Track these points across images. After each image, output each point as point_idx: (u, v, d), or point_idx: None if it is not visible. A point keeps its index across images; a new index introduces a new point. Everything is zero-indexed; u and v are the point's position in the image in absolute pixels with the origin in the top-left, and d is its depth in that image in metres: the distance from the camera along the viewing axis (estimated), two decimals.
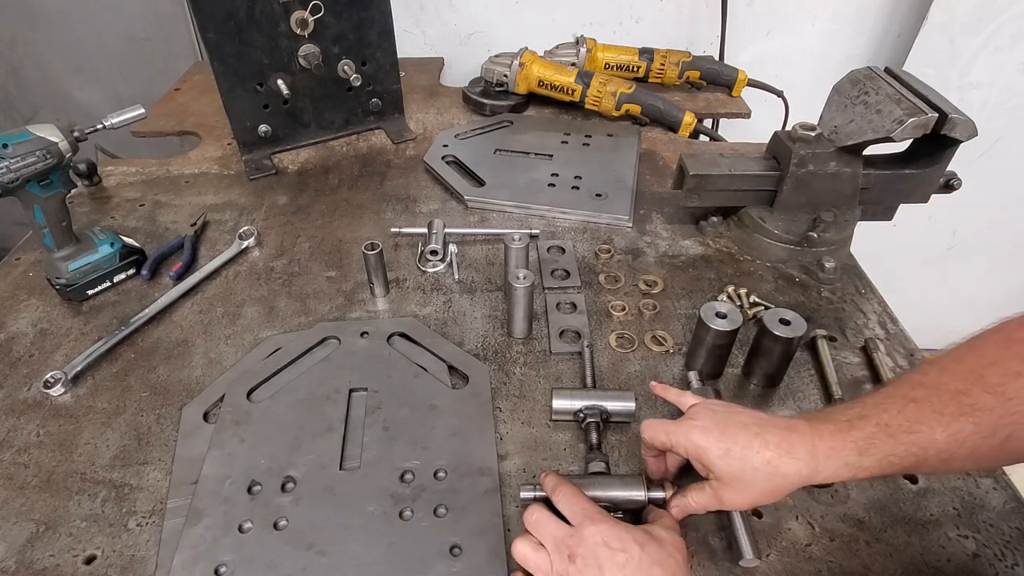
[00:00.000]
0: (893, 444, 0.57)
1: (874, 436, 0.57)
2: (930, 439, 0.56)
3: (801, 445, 0.59)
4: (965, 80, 1.81)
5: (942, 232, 2.19)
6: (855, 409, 0.60)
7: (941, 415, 0.56)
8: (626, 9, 1.86)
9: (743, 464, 0.60)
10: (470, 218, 1.20)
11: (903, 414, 0.57)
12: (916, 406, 0.57)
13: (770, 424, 0.62)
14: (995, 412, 0.55)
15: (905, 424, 0.57)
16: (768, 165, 1.05)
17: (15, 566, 0.67)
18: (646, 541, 0.58)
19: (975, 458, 0.57)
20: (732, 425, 0.62)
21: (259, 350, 0.91)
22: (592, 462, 0.73)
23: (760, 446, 0.60)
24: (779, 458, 0.59)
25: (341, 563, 0.66)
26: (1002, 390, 0.55)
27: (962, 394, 0.56)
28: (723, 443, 0.61)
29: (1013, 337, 0.57)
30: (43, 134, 0.89)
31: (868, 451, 0.57)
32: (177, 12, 1.88)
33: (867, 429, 0.58)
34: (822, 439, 0.59)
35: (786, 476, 0.59)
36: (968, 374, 0.57)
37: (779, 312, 0.80)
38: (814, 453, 0.58)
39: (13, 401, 0.85)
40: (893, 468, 0.58)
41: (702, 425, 0.63)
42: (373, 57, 1.36)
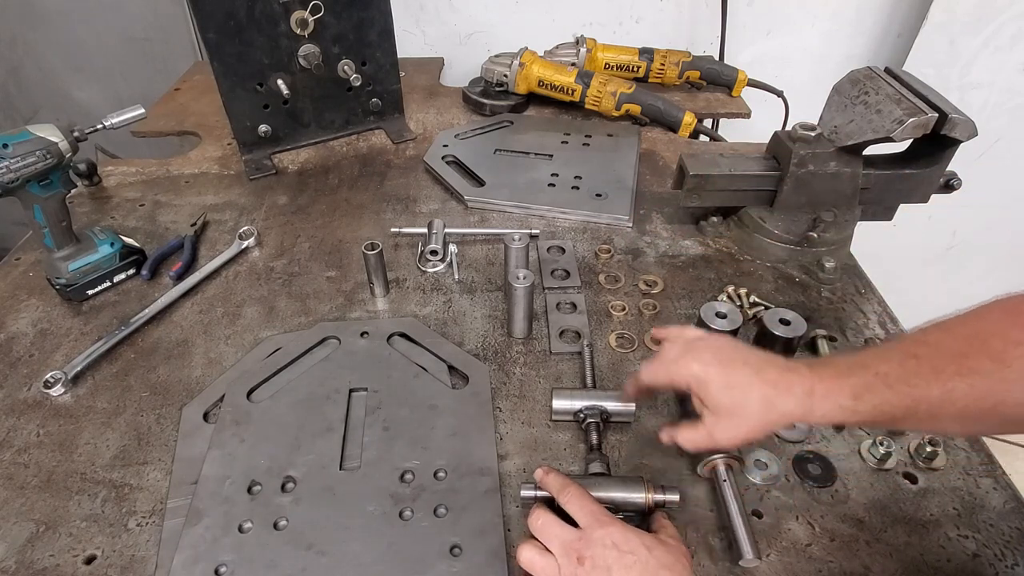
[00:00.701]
0: (889, 393, 0.58)
1: (871, 384, 0.59)
2: (924, 393, 0.57)
3: (799, 384, 0.61)
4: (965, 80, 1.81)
5: (942, 232, 2.19)
6: (857, 358, 0.62)
7: (939, 372, 0.57)
8: (626, 9, 1.86)
9: (742, 396, 0.62)
10: (470, 218, 1.20)
11: (903, 367, 0.59)
12: (916, 361, 0.59)
13: (770, 363, 0.63)
14: (992, 377, 0.56)
15: (903, 376, 0.58)
16: (768, 165, 1.05)
17: (15, 566, 0.67)
18: (654, 545, 0.58)
19: (963, 420, 0.58)
20: (734, 360, 0.64)
21: (259, 350, 0.91)
22: (592, 463, 0.73)
23: (760, 382, 0.61)
24: (777, 395, 0.61)
25: (341, 563, 0.66)
26: (1002, 356, 0.56)
27: (962, 356, 0.57)
28: (725, 376, 0.62)
29: (1017, 308, 0.58)
30: (43, 134, 0.89)
31: (863, 396, 0.59)
32: (177, 12, 1.88)
33: (865, 376, 0.59)
34: (821, 381, 0.60)
35: (782, 413, 0.61)
36: (971, 338, 0.58)
37: (779, 312, 0.81)
38: (811, 393, 0.60)
39: (13, 401, 0.85)
40: (884, 417, 0.59)
41: (705, 358, 0.64)
42: (373, 57, 1.36)
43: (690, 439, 0.66)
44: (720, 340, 0.68)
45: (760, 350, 0.67)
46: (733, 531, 0.65)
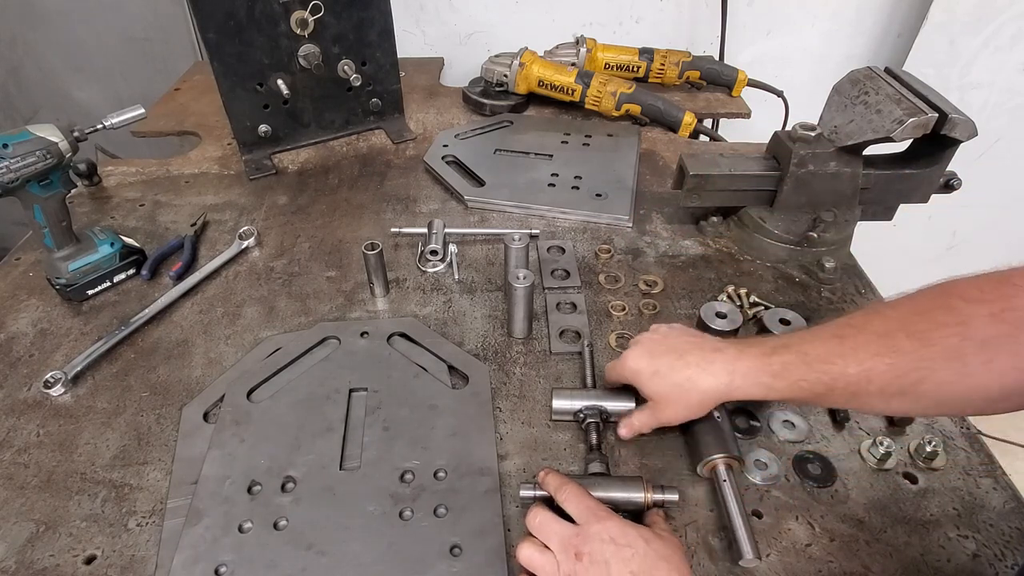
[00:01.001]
0: (806, 371, 0.62)
1: (790, 363, 0.63)
2: (842, 371, 0.60)
3: (720, 364, 0.67)
4: (965, 80, 1.81)
5: (942, 232, 2.19)
6: (782, 340, 0.67)
7: (857, 352, 0.60)
8: (626, 9, 1.86)
9: (667, 382, 0.69)
10: (470, 218, 1.20)
11: (825, 347, 0.63)
12: (838, 341, 0.62)
13: (696, 346, 0.71)
14: (912, 356, 0.58)
15: (823, 355, 0.62)
16: (768, 165, 1.05)
17: (15, 566, 0.67)
18: (652, 537, 0.59)
19: (884, 397, 0.60)
20: (662, 350, 0.72)
21: (259, 350, 0.91)
22: (592, 463, 0.73)
23: (682, 366, 0.69)
24: (698, 375, 0.68)
25: (341, 563, 0.66)
26: (925, 337, 0.58)
27: (885, 336, 0.60)
28: (652, 365, 0.71)
29: (950, 292, 0.59)
30: (43, 134, 0.89)
31: (782, 375, 0.64)
32: (177, 12, 1.88)
33: (786, 357, 0.64)
34: (742, 361, 0.66)
35: (704, 391, 0.67)
36: (897, 320, 0.60)
37: (779, 312, 0.81)
38: (731, 372, 0.66)
39: (13, 401, 0.85)
40: (803, 393, 0.63)
41: (636, 352, 0.73)
42: (373, 57, 1.36)
43: (642, 422, 0.74)
44: (661, 334, 0.75)
45: (701, 336, 0.74)
46: (733, 531, 0.65)
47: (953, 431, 0.80)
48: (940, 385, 0.57)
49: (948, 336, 0.56)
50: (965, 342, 0.56)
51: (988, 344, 0.55)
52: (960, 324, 0.56)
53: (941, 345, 0.57)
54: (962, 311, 0.57)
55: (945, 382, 0.57)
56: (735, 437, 0.74)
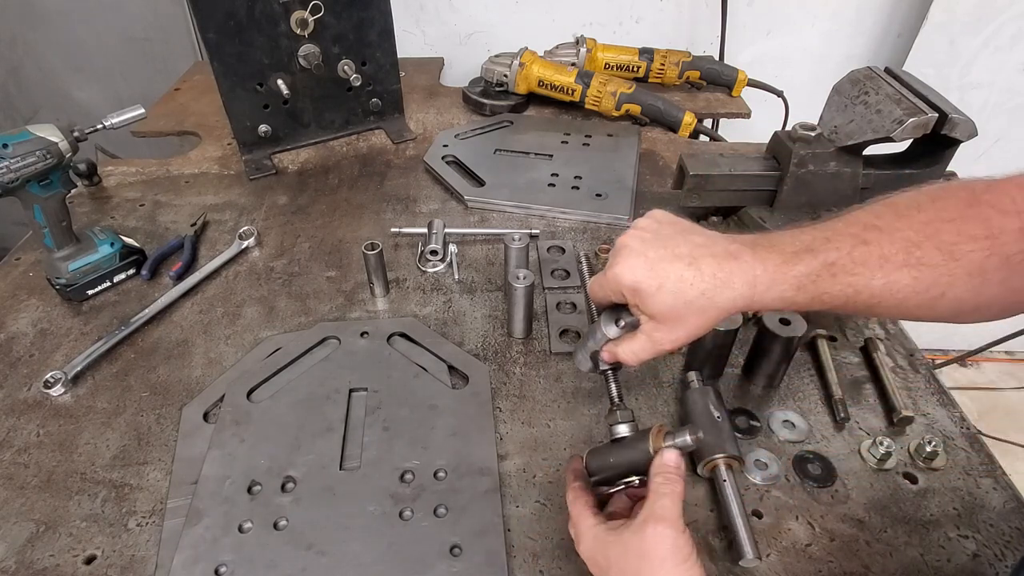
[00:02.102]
0: (831, 283, 0.56)
1: (817, 274, 0.56)
2: (866, 283, 0.55)
3: (740, 274, 0.57)
4: (965, 80, 1.81)
5: None
6: (803, 240, 0.58)
7: (885, 261, 0.55)
8: (626, 9, 1.86)
9: (676, 299, 0.57)
10: (470, 218, 1.20)
11: (851, 256, 0.56)
12: (865, 248, 0.56)
13: (707, 251, 0.59)
14: (938, 269, 0.54)
15: (849, 266, 0.56)
16: (768, 165, 1.05)
17: (15, 566, 0.67)
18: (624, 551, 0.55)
19: (901, 308, 0.57)
20: (663, 257, 0.59)
21: (259, 350, 0.91)
22: (615, 424, 0.65)
23: (695, 278, 0.57)
24: (715, 289, 0.57)
25: (341, 563, 0.66)
26: (952, 250, 0.54)
27: (913, 245, 0.55)
28: (654, 278, 0.58)
29: (980, 198, 0.55)
30: (43, 134, 0.89)
31: (806, 287, 0.56)
32: (177, 12, 1.88)
33: (812, 265, 0.56)
34: (765, 270, 0.57)
35: (721, 307, 0.57)
36: (924, 226, 0.55)
37: (779, 312, 0.81)
38: (753, 283, 0.57)
39: (13, 401, 0.85)
40: (822, 305, 0.57)
41: (630, 263, 0.59)
42: (373, 57, 1.36)
43: (632, 351, 0.63)
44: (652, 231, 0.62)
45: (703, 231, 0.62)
46: (733, 531, 0.65)
47: (953, 431, 0.80)
48: (957, 300, 0.55)
49: (976, 251, 0.53)
50: (990, 258, 0.53)
51: (1010, 260, 0.52)
52: (989, 238, 0.53)
53: (967, 259, 0.53)
54: (994, 223, 0.53)
55: (962, 297, 0.55)
56: (735, 437, 0.74)
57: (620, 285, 0.60)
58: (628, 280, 0.59)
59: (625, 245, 0.61)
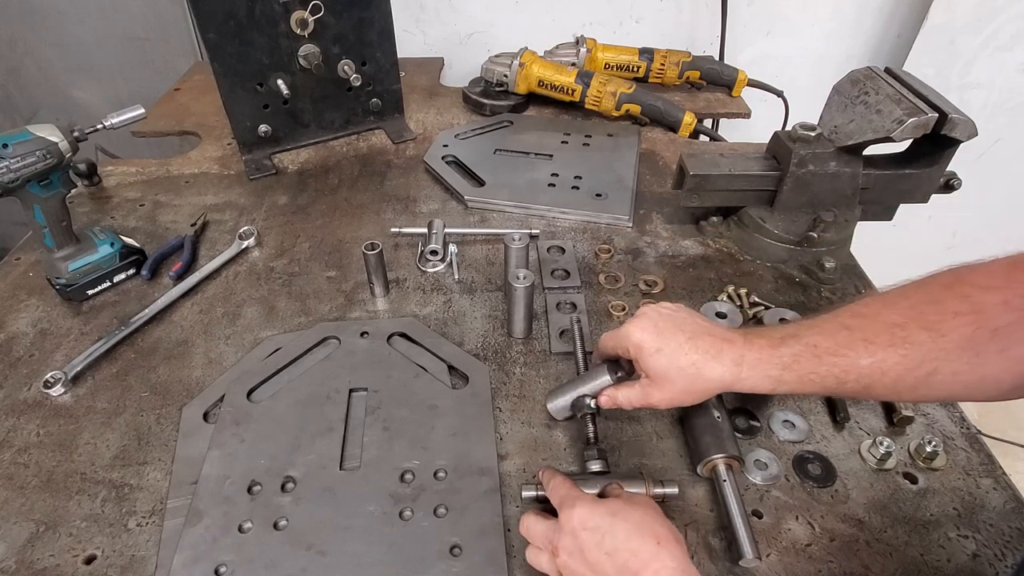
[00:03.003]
0: (816, 364, 0.60)
1: (800, 355, 0.61)
2: (853, 363, 0.59)
3: (729, 353, 0.63)
4: (965, 80, 1.81)
5: (942, 232, 2.19)
6: (791, 328, 0.64)
7: (870, 344, 0.58)
8: (626, 9, 1.86)
9: (671, 363, 0.65)
10: (470, 218, 1.20)
11: (834, 339, 0.60)
12: (848, 333, 0.60)
13: (706, 331, 0.66)
14: (924, 347, 0.56)
15: (833, 348, 0.60)
16: (768, 165, 1.05)
17: (15, 566, 0.67)
18: (619, 508, 0.58)
19: (896, 389, 0.59)
20: (669, 327, 0.67)
21: (259, 350, 0.91)
22: (589, 460, 0.72)
23: (690, 348, 0.64)
24: (705, 361, 0.64)
25: (341, 563, 0.66)
26: (938, 327, 0.56)
27: (897, 327, 0.58)
28: (657, 342, 0.66)
29: (962, 279, 0.58)
30: (43, 134, 0.89)
31: (791, 367, 0.61)
32: (177, 12, 1.87)
33: (796, 348, 0.61)
34: (751, 351, 0.63)
35: (709, 379, 0.64)
36: (909, 310, 0.59)
37: (779, 312, 0.81)
38: (739, 362, 0.63)
39: (13, 401, 0.85)
40: (813, 386, 0.61)
41: (641, 324, 0.68)
42: (373, 57, 1.36)
43: (628, 399, 0.70)
44: (669, 310, 0.70)
45: (709, 322, 0.69)
46: (733, 531, 0.65)
47: (953, 431, 0.80)
48: (954, 375, 0.56)
49: (961, 326, 0.55)
50: (979, 331, 0.54)
51: (1001, 333, 0.54)
52: (973, 313, 0.55)
53: (954, 335, 0.55)
54: (975, 299, 0.55)
55: (959, 372, 0.56)
56: (735, 437, 0.73)
57: (628, 341, 0.68)
58: (635, 338, 0.67)
59: (643, 313, 0.70)
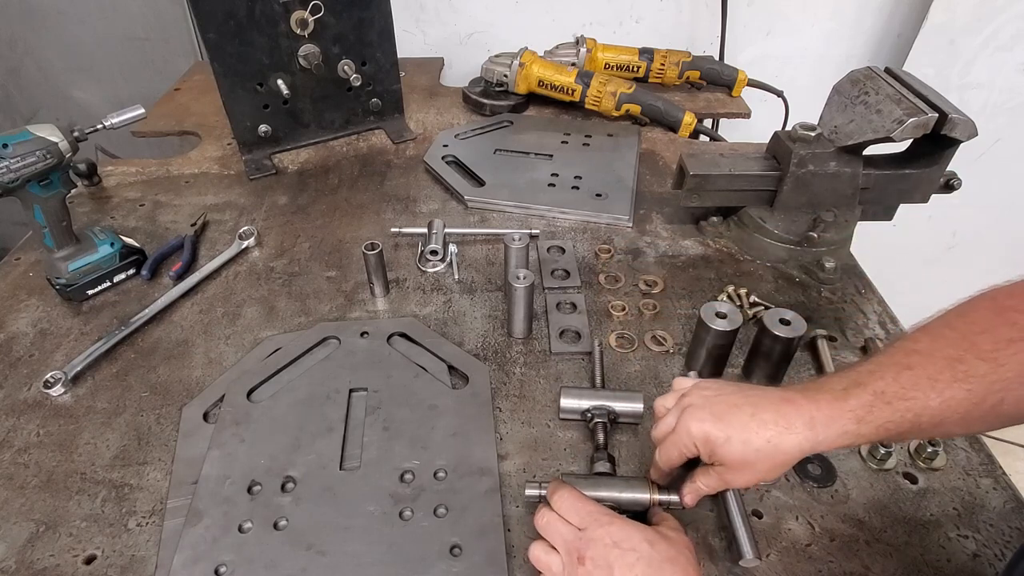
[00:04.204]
0: (890, 411, 0.58)
1: (871, 404, 0.58)
2: (924, 405, 0.57)
3: (798, 418, 0.60)
4: (965, 80, 1.81)
5: (942, 232, 2.19)
6: (850, 377, 0.61)
7: (935, 382, 0.57)
8: (626, 9, 1.86)
9: (745, 448, 0.61)
10: (470, 218, 1.20)
11: (898, 381, 0.58)
12: (911, 373, 0.58)
13: (763, 401, 0.62)
14: (987, 379, 0.56)
15: (900, 391, 0.58)
16: (768, 165, 1.05)
17: (15, 566, 0.67)
18: (656, 539, 0.58)
19: (966, 423, 0.58)
20: (724, 408, 0.63)
21: (259, 350, 0.91)
22: (598, 462, 0.73)
23: (758, 427, 0.60)
24: (779, 436, 0.60)
25: (341, 563, 0.66)
26: (995, 356, 0.56)
27: (956, 361, 0.57)
28: (722, 430, 0.61)
29: (1004, 304, 0.58)
30: (43, 134, 0.89)
31: (865, 419, 0.58)
32: (177, 12, 1.87)
33: (864, 397, 0.59)
34: (819, 409, 0.59)
35: (788, 452, 0.60)
36: (960, 341, 0.58)
37: (779, 312, 0.80)
38: (812, 424, 0.59)
39: (13, 401, 0.85)
40: (889, 435, 0.59)
41: (698, 416, 0.63)
42: (373, 57, 1.36)
43: (710, 486, 0.66)
44: (712, 390, 0.66)
45: (753, 387, 0.66)
46: (733, 531, 0.65)
47: None
48: (1019, 402, 0.56)
49: (1018, 352, 0.56)
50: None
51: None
52: None
53: (1013, 363, 0.56)
54: (1022, 324, 0.56)
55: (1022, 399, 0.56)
56: None
57: (690, 439, 0.63)
58: (698, 433, 0.63)
59: (689, 404, 0.65)
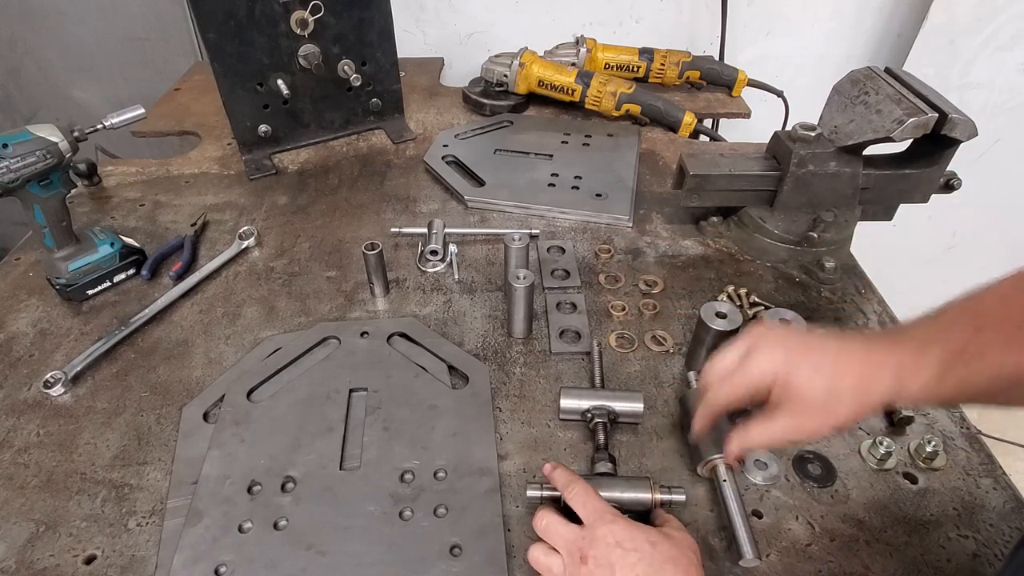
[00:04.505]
0: (967, 371, 0.54)
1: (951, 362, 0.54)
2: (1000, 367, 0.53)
3: (889, 362, 0.55)
4: (965, 80, 1.81)
5: (942, 232, 2.19)
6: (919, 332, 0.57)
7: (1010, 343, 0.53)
8: (626, 9, 1.86)
9: (835, 383, 0.56)
10: (470, 218, 1.20)
11: (976, 341, 0.54)
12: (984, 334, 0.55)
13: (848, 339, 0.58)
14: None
15: (978, 351, 0.54)
16: (768, 165, 1.05)
17: (15, 566, 0.67)
18: (658, 539, 0.58)
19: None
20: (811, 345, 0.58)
21: (259, 350, 0.91)
22: (599, 462, 0.73)
23: (847, 363, 0.56)
24: (871, 374, 0.55)
25: (341, 563, 0.66)
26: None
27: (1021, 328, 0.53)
28: (810, 363, 0.56)
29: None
30: (43, 134, 0.89)
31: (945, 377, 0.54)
32: (177, 12, 1.87)
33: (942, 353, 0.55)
34: (905, 354, 0.55)
35: (878, 394, 0.56)
36: None
37: (779, 312, 0.81)
38: (901, 371, 0.55)
39: (13, 401, 0.85)
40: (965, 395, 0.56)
41: (779, 351, 0.58)
42: (373, 57, 1.36)
43: (770, 434, 0.60)
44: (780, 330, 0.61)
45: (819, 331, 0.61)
46: (733, 531, 0.65)
47: (953, 431, 0.80)
48: None
49: None
50: None
51: None
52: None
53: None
54: None
55: None
56: None
57: (764, 373, 0.59)
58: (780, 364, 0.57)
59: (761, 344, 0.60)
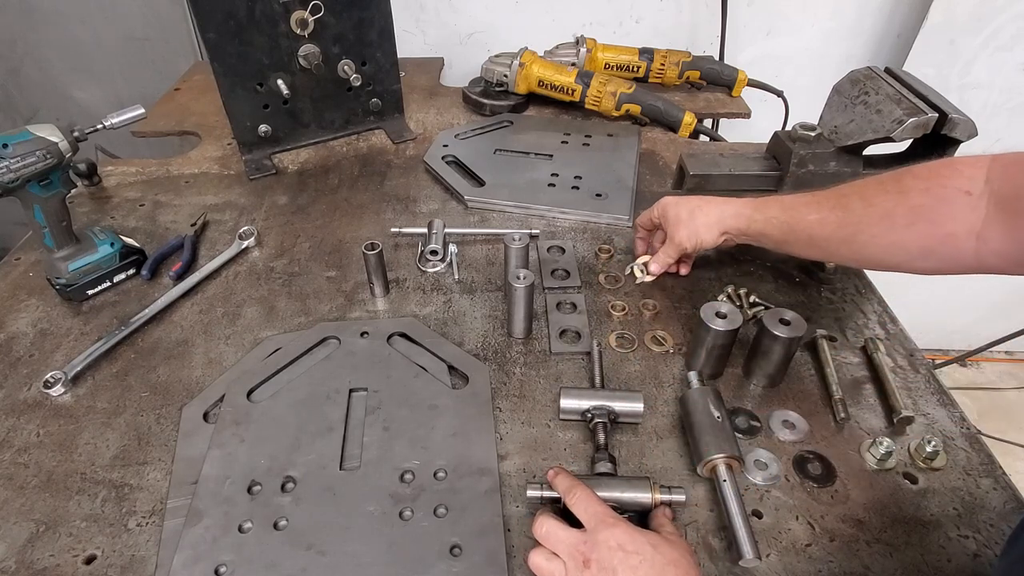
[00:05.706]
0: (779, 210, 0.84)
1: (769, 203, 0.86)
2: (803, 216, 0.81)
3: (733, 204, 0.91)
4: (965, 80, 1.81)
5: None
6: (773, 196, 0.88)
7: (820, 205, 0.80)
8: (626, 9, 1.86)
9: (683, 207, 0.94)
10: (470, 218, 1.20)
11: (797, 199, 0.83)
12: (810, 196, 0.82)
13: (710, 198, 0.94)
14: (856, 213, 0.75)
15: (793, 203, 0.84)
16: (768, 165, 1.05)
17: (15, 566, 0.67)
18: (659, 543, 0.59)
19: (831, 243, 0.79)
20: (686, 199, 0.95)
21: (259, 350, 0.91)
22: (599, 462, 0.73)
23: (697, 201, 0.94)
24: (700, 207, 0.93)
25: (341, 563, 0.66)
26: (870, 199, 0.74)
27: (843, 196, 0.78)
28: (677, 201, 0.96)
29: (910, 171, 0.74)
30: (43, 134, 0.89)
31: (760, 209, 0.86)
32: (177, 12, 1.88)
33: (774, 204, 0.85)
34: (731, 206, 0.90)
35: (708, 213, 0.92)
36: (859, 187, 0.78)
37: (779, 312, 0.81)
38: (723, 207, 0.91)
39: (13, 401, 0.85)
40: (775, 230, 0.85)
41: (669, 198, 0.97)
42: (373, 57, 1.36)
43: (666, 253, 0.96)
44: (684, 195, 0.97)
45: None
46: (733, 531, 0.65)
47: (953, 431, 0.80)
48: (872, 237, 0.74)
49: (887, 200, 0.73)
50: (898, 207, 0.72)
51: (914, 210, 0.71)
52: (899, 193, 0.72)
53: (879, 206, 0.73)
54: (905, 184, 0.73)
55: (876, 235, 0.73)
56: (735, 437, 0.74)
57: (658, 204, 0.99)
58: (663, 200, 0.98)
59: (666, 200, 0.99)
